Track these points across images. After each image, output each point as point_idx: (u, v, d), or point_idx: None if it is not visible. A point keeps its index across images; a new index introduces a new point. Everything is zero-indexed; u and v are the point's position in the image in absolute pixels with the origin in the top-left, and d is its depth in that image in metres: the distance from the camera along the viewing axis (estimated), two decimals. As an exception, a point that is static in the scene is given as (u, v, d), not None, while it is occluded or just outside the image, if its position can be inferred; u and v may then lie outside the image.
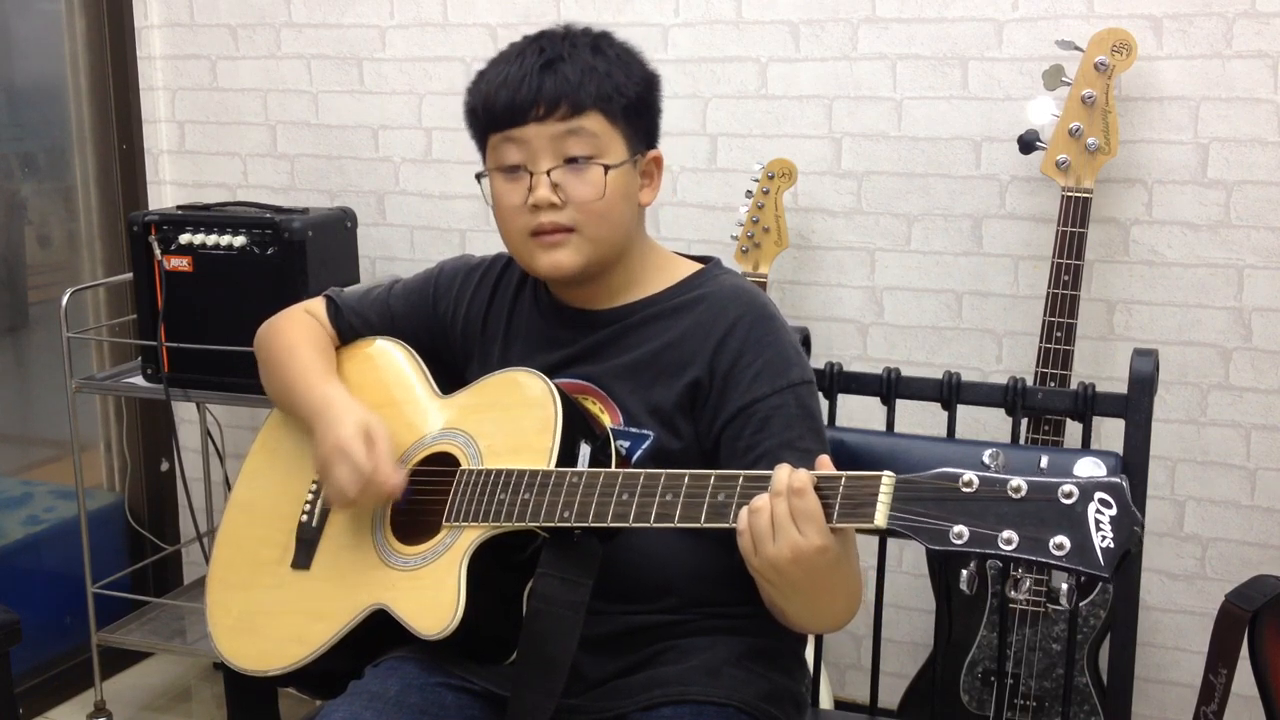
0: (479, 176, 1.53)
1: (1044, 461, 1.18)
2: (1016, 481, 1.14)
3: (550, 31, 1.51)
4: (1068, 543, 1.11)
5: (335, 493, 1.48)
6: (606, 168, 1.46)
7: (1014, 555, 1.13)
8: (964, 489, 1.16)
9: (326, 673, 1.51)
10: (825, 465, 1.25)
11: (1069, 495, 1.12)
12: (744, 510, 1.25)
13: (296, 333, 1.67)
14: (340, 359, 1.69)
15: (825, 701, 2.18)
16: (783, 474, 1.24)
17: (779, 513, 1.22)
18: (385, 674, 1.46)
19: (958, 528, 1.15)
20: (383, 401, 1.60)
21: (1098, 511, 1.11)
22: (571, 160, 1.46)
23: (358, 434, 1.47)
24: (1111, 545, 1.10)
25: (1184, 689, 2.44)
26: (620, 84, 1.48)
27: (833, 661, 2.68)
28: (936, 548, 1.16)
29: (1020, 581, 1.19)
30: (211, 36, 2.94)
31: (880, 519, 1.19)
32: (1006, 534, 1.13)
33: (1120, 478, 1.13)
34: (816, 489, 1.23)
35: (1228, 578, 2.33)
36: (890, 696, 2.21)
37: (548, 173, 1.45)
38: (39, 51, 2.95)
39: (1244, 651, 1.75)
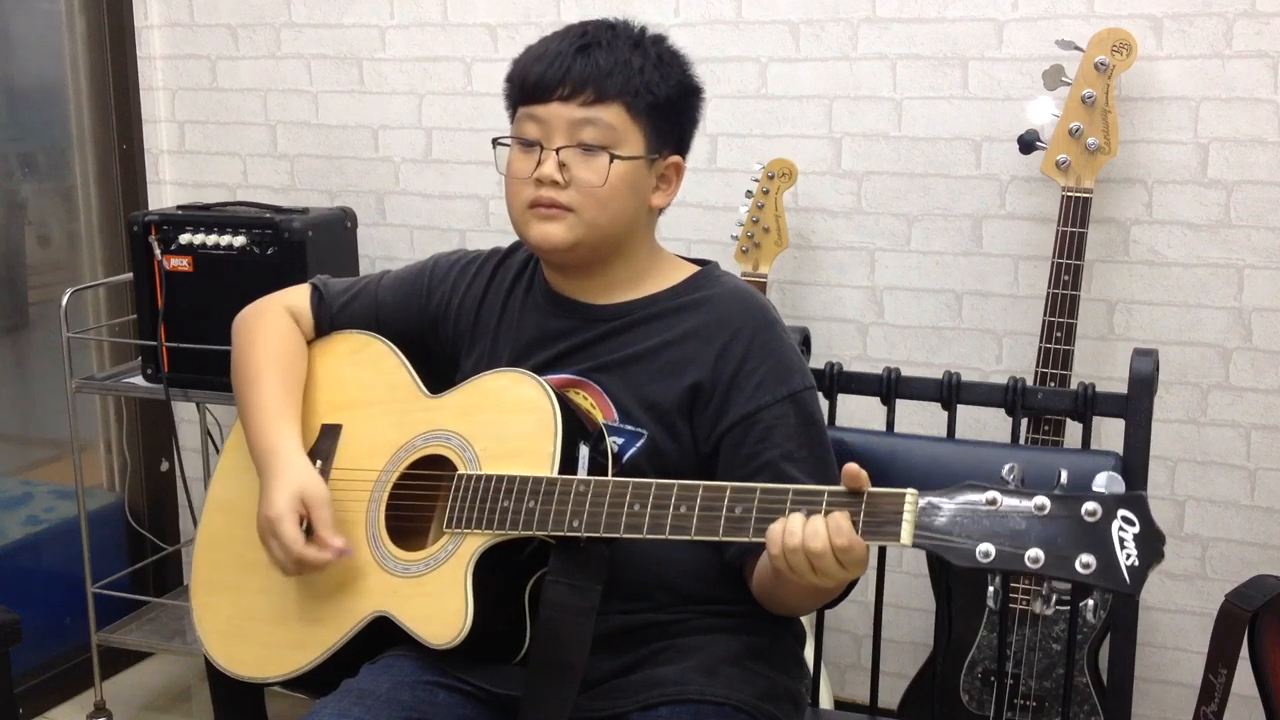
0: (495, 142, 1.54)
1: (1064, 476, 1.19)
2: (1040, 499, 1.16)
3: (603, 20, 1.54)
4: (1094, 561, 1.13)
5: (273, 564, 1.49)
6: (614, 157, 1.47)
7: (1041, 573, 1.15)
8: (987, 506, 1.17)
9: (327, 675, 1.50)
10: (853, 473, 1.25)
11: (1093, 513, 1.14)
12: (777, 538, 1.26)
13: (263, 350, 1.63)
14: (322, 353, 1.66)
15: (825, 701, 2.18)
16: (820, 529, 1.24)
17: (826, 565, 1.24)
18: (379, 671, 1.46)
19: (984, 546, 1.17)
20: (368, 400, 1.58)
21: (1121, 529, 1.13)
22: (584, 145, 1.47)
23: (290, 509, 1.46)
24: (1137, 563, 1.12)
25: (1184, 689, 2.44)
26: (651, 82, 1.49)
27: (833, 661, 2.68)
28: (964, 565, 1.17)
29: (1048, 597, 1.21)
30: (211, 36, 2.94)
31: (906, 537, 1.21)
32: (1033, 552, 1.15)
33: (1141, 493, 1.14)
34: (839, 505, 1.25)
35: (1228, 578, 2.32)
36: (890, 696, 2.21)
37: (557, 151, 1.47)
38: (39, 51, 2.94)
39: (1244, 651, 1.75)
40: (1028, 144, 2.25)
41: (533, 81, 1.49)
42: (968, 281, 2.48)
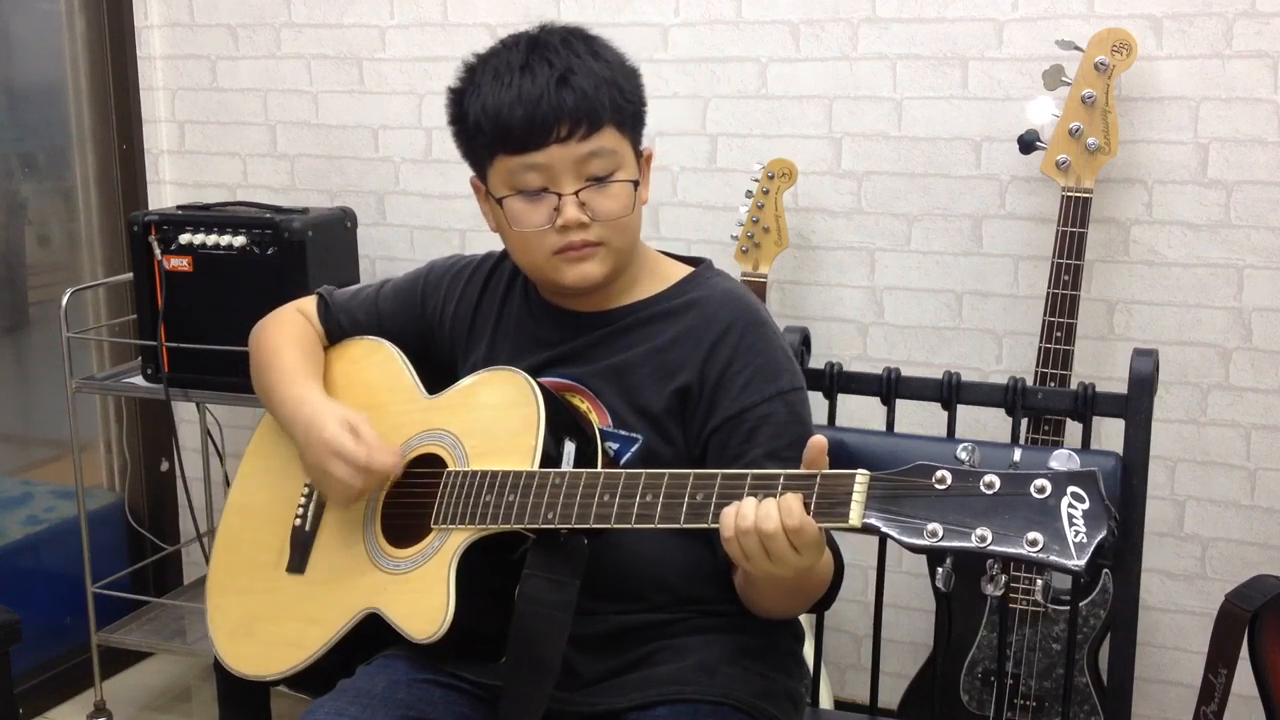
0: (500, 200, 1.48)
1: (1017, 455, 1.17)
2: (989, 477, 1.14)
3: (545, 38, 1.48)
4: (1040, 538, 1.11)
5: (337, 491, 1.48)
6: (633, 184, 1.47)
7: (988, 551, 1.13)
8: (938, 485, 1.16)
9: (325, 674, 1.51)
10: (817, 449, 1.25)
11: (1041, 490, 1.12)
12: (730, 520, 1.25)
13: (283, 334, 1.67)
14: (334, 359, 1.68)
15: (825, 701, 2.18)
16: (772, 510, 1.23)
17: (779, 548, 1.23)
18: (375, 671, 1.47)
19: (932, 524, 1.15)
20: (369, 403, 1.60)
21: (1070, 505, 1.11)
22: (593, 179, 1.45)
23: (342, 428, 1.47)
24: (1084, 540, 1.10)
25: (1184, 689, 2.44)
26: (625, 90, 1.47)
27: (833, 661, 2.68)
28: (911, 545, 1.16)
29: (995, 578, 1.19)
30: (211, 36, 2.94)
31: (854, 518, 1.19)
32: (980, 530, 1.13)
33: (1092, 470, 1.12)
34: (794, 488, 1.24)
35: (1228, 578, 2.32)
36: (890, 696, 2.21)
37: (576, 194, 1.44)
38: (39, 51, 2.94)
39: (1244, 651, 1.75)
40: (1028, 144, 2.25)
41: (520, 128, 1.42)
42: (968, 281, 2.47)
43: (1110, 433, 1.91)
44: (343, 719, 1.38)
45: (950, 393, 1.78)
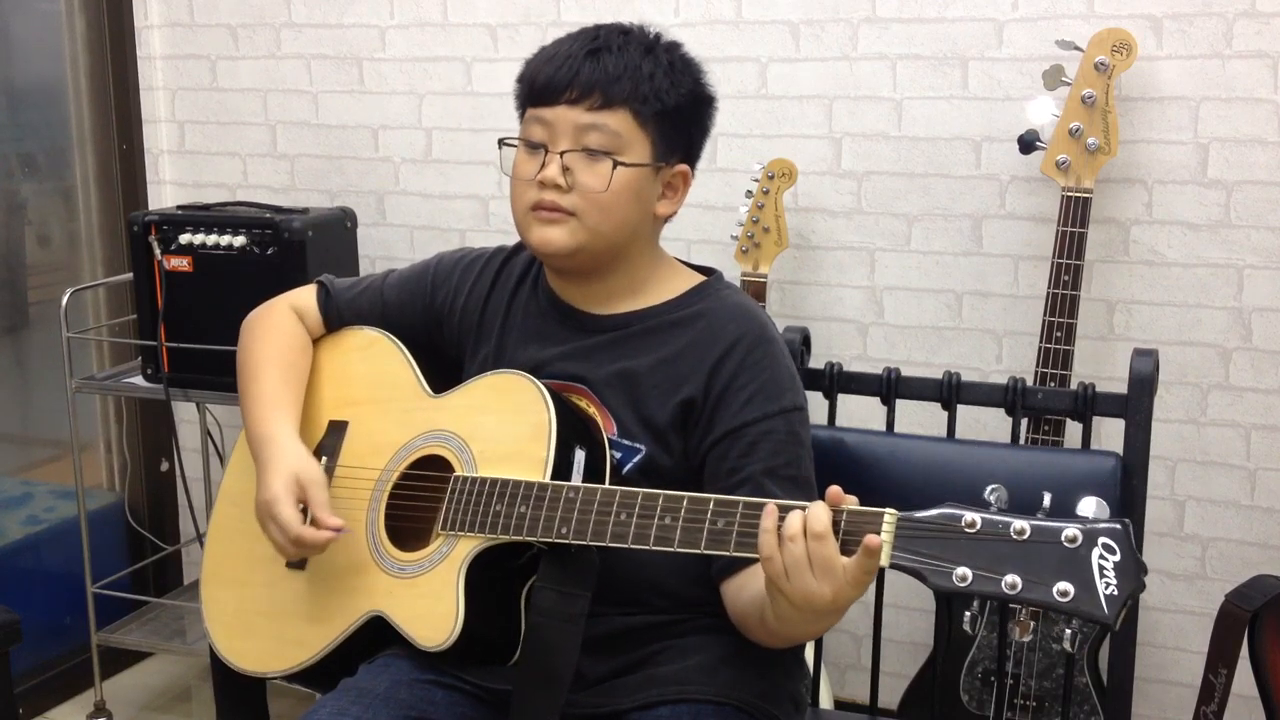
0: (501, 143, 1.55)
1: (1046, 500, 1.17)
2: (1019, 524, 1.14)
3: (618, 24, 1.53)
4: (1071, 589, 1.11)
5: (274, 548, 1.49)
6: (617, 163, 1.46)
7: (1018, 599, 1.13)
8: (967, 530, 1.16)
9: (326, 672, 1.50)
10: (835, 494, 1.23)
11: (1073, 540, 1.12)
12: (770, 539, 1.23)
13: (268, 346, 1.64)
14: (328, 350, 1.67)
15: (825, 701, 2.18)
16: (820, 511, 1.21)
17: (825, 553, 1.20)
18: (377, 670, 1.47)
19: (961, 569, 1.15)
20: (371, 398, 1.59)
21: (1101, 557, 1.11)
22: (588, 150, 1.47)
23: (286, 491, 1.46)
24: (1116, 593, 1.10)
25: (1184, 689, 2.44)
26: (660, 89, 1.48)
27: (833, 661, 2.68)
28: (940, 588, 1.16)
29: (1025, 623, 1.19)
30: (211, 36, 2.94)
31: (884, 559, 1.18)
32: (1010, 578, 1.13)
33: (1124, 521, 1.12)
34: None
35: (1228, 578, 2.33)
36: (890, 696, 2.21)
37: (561, 154, 1.46)
38: (39, 51, 2.94)
39: (1244, 651, 1.75)
40: (1028, 144, 2.25)
41: (541, 83, 1.49)
42: (968, 281, 2.48)
43: (1110, 433, 1.91)
44: (345, 718, 1.38)
45: (950, 393, 1.78)
